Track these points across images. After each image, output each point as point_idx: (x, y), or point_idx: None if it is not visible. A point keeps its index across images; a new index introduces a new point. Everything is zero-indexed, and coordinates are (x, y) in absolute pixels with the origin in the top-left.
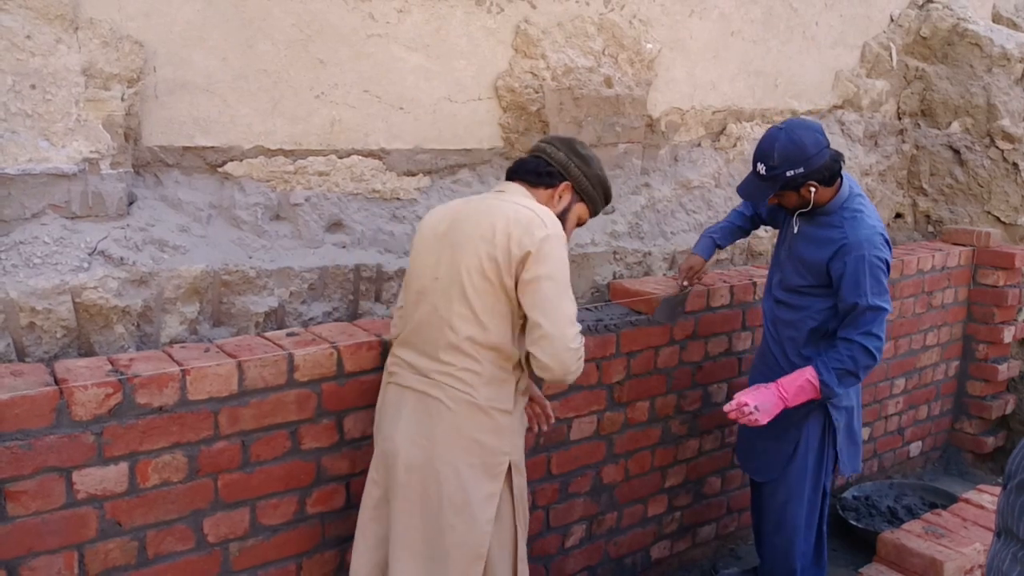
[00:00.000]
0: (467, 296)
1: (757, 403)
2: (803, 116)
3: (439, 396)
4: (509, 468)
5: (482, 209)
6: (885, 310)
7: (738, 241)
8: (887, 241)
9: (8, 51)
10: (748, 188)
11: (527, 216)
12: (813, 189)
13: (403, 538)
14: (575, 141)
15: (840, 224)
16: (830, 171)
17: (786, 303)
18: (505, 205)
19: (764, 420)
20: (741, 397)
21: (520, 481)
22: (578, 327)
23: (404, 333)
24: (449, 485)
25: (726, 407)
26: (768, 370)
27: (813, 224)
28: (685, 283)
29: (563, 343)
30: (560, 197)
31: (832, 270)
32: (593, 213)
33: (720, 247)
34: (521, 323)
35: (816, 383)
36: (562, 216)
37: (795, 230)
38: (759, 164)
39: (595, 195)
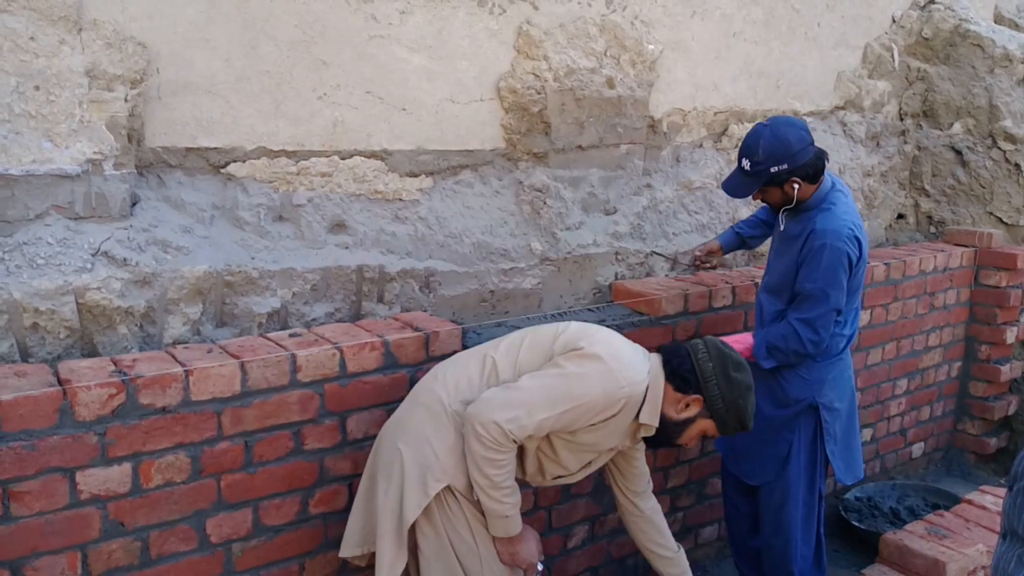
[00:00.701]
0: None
1: None
2: (805, 117)
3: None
4: (446, 493)
5: None
6: (829, 297)
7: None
8: (856, 237)
9: (12, 52)
10: (732, 184)
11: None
12: (797, 185)
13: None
14: (732, 360)
15: (814, 216)
16: (814, 168)
17: (772, 302)
18: None
19: None
20: None
21: (474, 521)
22: (520, 423)
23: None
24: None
25: None
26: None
27: (795, 221)
28: (696, 263)
29: (493, 410)
30: (687, 405)
31: (798, 260)
32: (721, 432)
33: (744, 240)
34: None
35: (749, 345)
36: (683, 424)
37: (781, 228)
38: (744, 160)
39: (727, 420)
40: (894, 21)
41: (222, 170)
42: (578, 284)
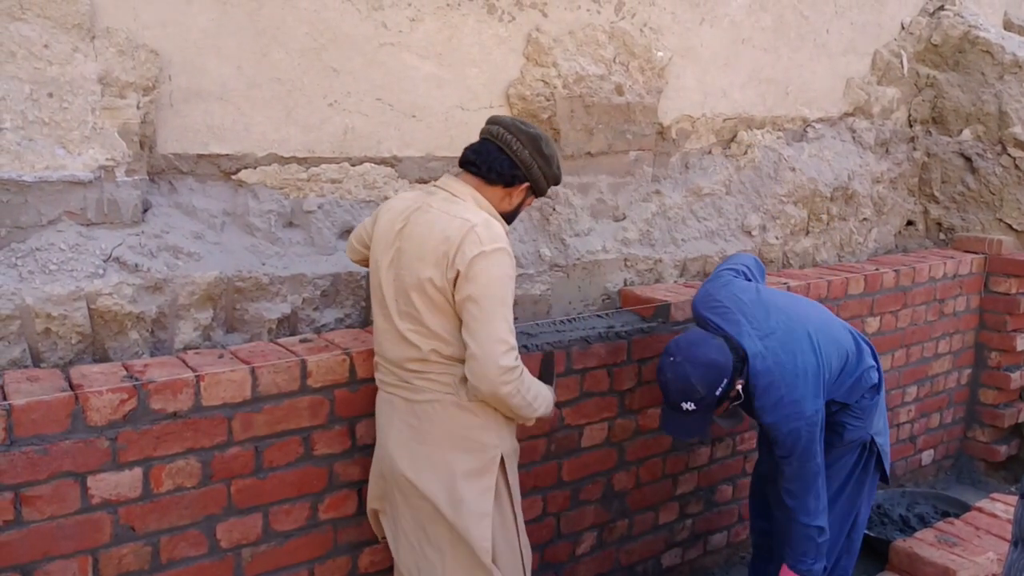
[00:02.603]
0: (420, 317)
1: None
2: (814, 123)
3: (425, 399)
4: (501, 460)
5: (426, 225)
6: (806, 466)
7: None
8: (804, 401)
9: (26, 60)
10: (686, 428)
11: (463, 233)
12: (740, 384)
13: (407, 541)
14: (539, 137)
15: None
16: (742, 361)
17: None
18: (446, 221)
19: None
20: None
21: (513, 469)
22: (508, 346)
23: (376, 335)
24: (444, 485)
25: None
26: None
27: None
28: None
29: (490, 362)
30: (513, 196)
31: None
32: (539, 196)
33: None
34: None
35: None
36: (512, 213)
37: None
38: (685, 404)
39: (545, 188)
40: (903, 28)
41: (233, 176)
42: (587, 290)
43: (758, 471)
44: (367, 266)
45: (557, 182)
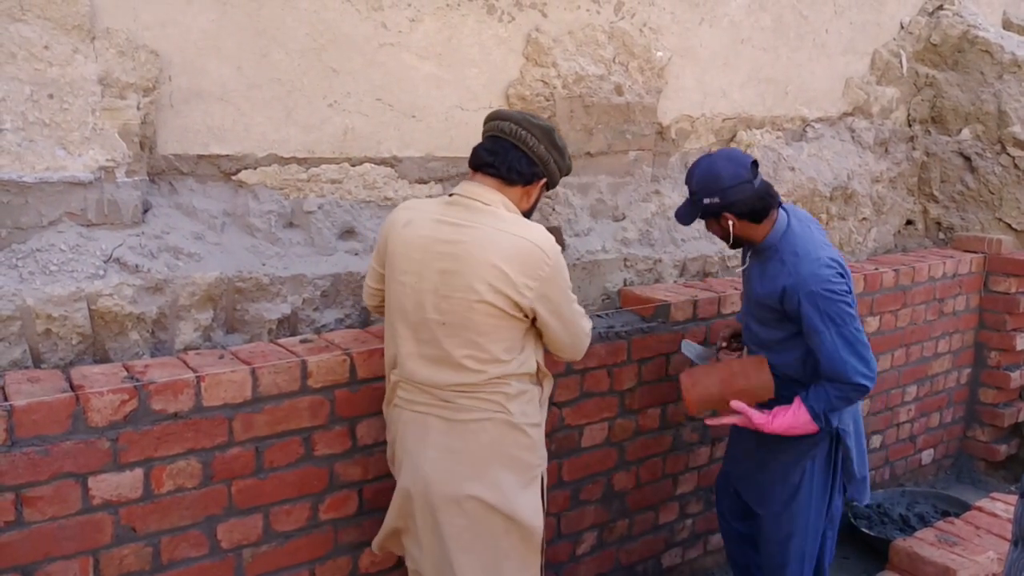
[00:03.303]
0: (479, 340)
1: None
2: (813, 123)
3: (472, 418)
4: (542, 478)
5: (475, 244)
6: (847, 327)
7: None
8: (836, 261)
9: (27, 61)
10: (680, 211)
11: (527, 253)
12: (731, 222)
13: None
14: (551, 129)
15: (782, 262)
16: (751, 208)
17: (768, 331)
18: (499, 238)
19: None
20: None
21: (545, 487)
22: (587, 320)
23: (403, 357)
24: (494, 509)
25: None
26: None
27: (758, 260)
28: (723, 344)
29: (582, 345)
30: (532, 194)
31: (788, 312)
32: (551, 188)
33: None
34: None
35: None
36: (531, 211)
37: (746, 265)
38: (687, 187)
39: (559, 180)
40: (902, 27)
41: (233, 177)
42: (587, 290)
43: (725, 471)
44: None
45: (569, 172)
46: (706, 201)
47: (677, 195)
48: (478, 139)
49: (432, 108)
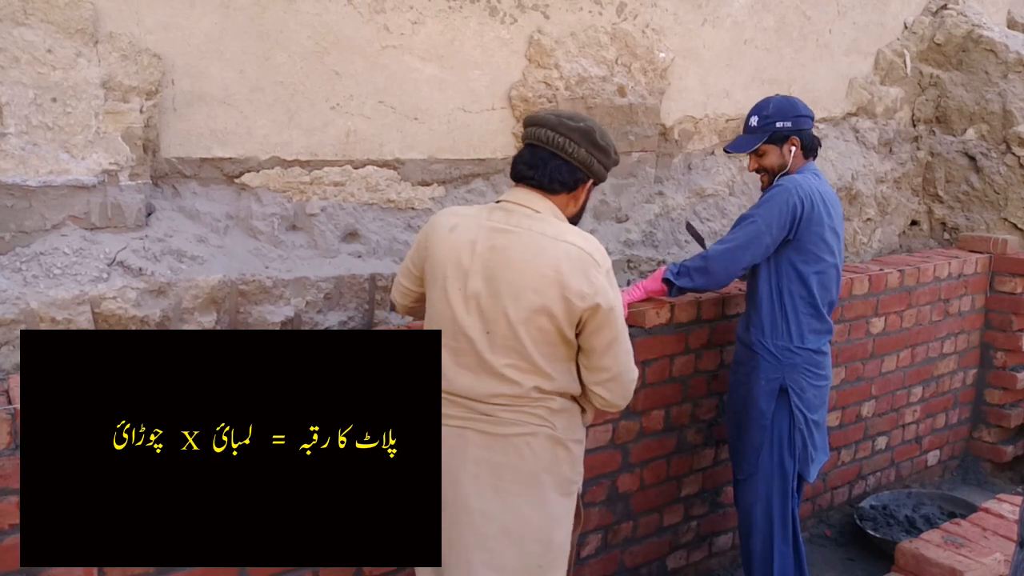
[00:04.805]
0: (526, 351)
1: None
2: (817, 123)
3: (515, 432)
4: (579, 494)
5: (526, 250)
6: (756, 222)
7: None
8: (809, 196)
9: (30, 65)
10: (737, 142)
11: (579, 259)
12: (794, 148)
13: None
14: (592, 129)
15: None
16: (811, 140)
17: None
18: (550, 245)
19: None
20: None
21: (581, 502)
22: (635, 366)
23: (443, 365)
24: (537, 522)
25: None
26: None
27: None
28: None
29: (629, 379)
30: (579, 198)
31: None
32: (599, 183)
33: None
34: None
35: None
36: (579, 214)
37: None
38: (752, 117)
39: (606, 176)
40: (906, 27)
41: (236, 180)
42: None
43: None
44: (413, 314)
45: (616, 165)
46: (779, 124)
47: (680, 196)
48: (481, 141)
49: (434, 110)
